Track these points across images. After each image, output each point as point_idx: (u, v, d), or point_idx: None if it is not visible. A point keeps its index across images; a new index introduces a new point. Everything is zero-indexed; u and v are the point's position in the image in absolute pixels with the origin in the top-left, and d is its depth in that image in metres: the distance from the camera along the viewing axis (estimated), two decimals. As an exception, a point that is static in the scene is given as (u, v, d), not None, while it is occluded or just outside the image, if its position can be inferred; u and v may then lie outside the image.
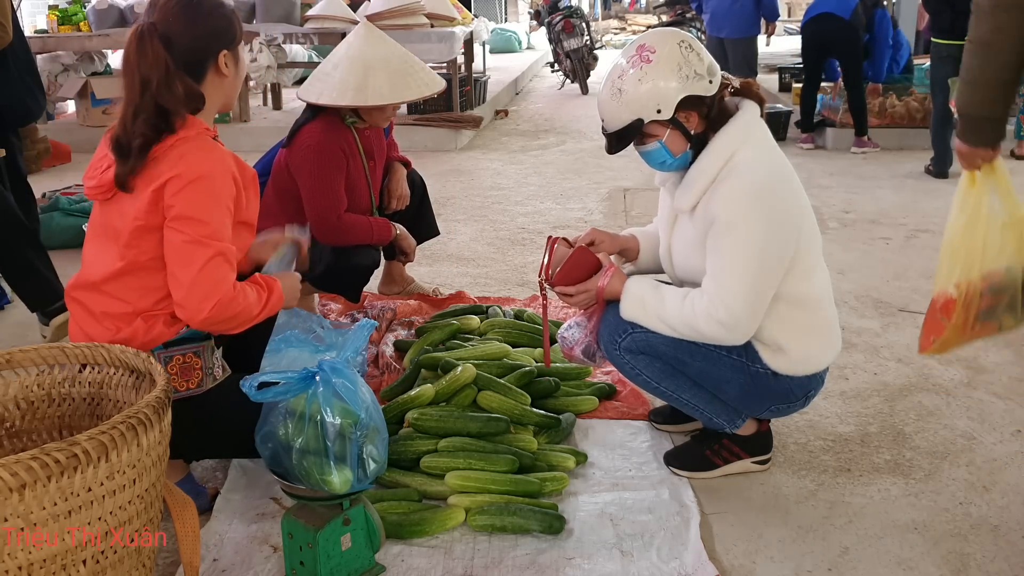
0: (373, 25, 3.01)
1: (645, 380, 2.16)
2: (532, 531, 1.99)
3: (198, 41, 1.89)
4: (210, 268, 1.80)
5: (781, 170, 2.03)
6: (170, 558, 1.91)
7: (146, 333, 1.88)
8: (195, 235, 1.80)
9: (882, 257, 4.10)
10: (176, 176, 1.80)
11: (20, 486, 1.31)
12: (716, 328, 1.97)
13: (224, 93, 1.98)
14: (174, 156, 1.83)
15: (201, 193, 1.81)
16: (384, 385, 2.68)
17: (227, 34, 1.94)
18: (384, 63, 2.86)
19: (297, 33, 7.23)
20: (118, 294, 1.89)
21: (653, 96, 1.98)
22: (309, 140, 2.82)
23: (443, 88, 3.03)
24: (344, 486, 1.69)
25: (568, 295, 2.17)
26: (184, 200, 1.80)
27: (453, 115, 7.32)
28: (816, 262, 2.10)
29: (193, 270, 1.80)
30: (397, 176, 3.21)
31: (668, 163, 2.08)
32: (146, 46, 1.81)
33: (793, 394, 2.11)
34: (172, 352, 1.90)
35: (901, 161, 6.23)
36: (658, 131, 2.03)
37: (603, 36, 17.23)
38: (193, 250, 1.80)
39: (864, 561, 1.92)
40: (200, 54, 1.90)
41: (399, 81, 2.86)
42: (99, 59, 8.37)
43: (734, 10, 6.90)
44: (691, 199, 2.04)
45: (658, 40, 2.01)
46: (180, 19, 1.86)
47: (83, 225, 4.29)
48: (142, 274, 1.87)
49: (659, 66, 1.97)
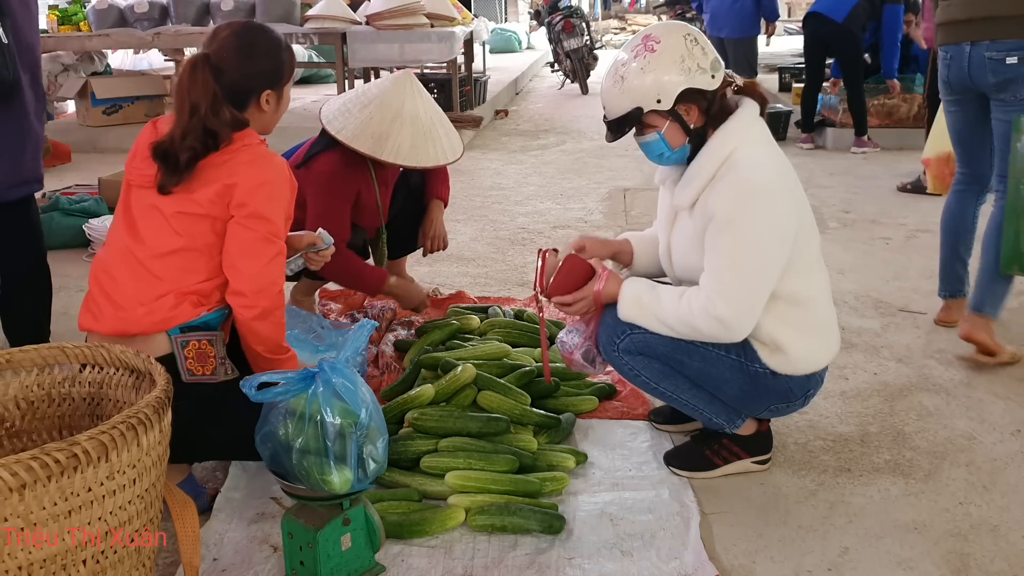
0: (414, 77, 2.96)
1: (644, 381, 2.16)
2: (532, 531, 1.99)
3: (246, 79, 2.04)
4: (272, 265, 2.00)
5: (780, 168, 2.03)
6: (170, 558, 1.91)
7: (171, 309, 1.95)
8: (264, 232, 1.97)
9: (882, 257, 4.10)
10: (249, 177, 1.97)
11: (20, 486, 1.31)
12: (713, 325, 1.97)
13: (262, 124, 2.13)
14: (245, 159, 1.99)
15: (270, 195, 1.99)
16: (384, 385, 2.68)
17: (274, 76, 2.09)
18: (414, 121, 2.81)
19: (297, 33, 7.23)
20: (160, 272, 1.97)
21: (654, 86, 1.99)
22: (326, 168, 2.79)
23: (459, 157, 2.98)
24: (344, 486, 1.69)
25: (566, 304, 2.16)
26: (257, 200, 1.96)
27: (453, 115, 7.32)
28: (814, 261, 2.10)
29: (259, 264, 1.98)
30: (431, 217, 3.15)
31: (666, 155, 2.09)
32: (197, 75, 1.97)
33: (792, 393, 2.11)
34: (189, 337, 1.96)
35: (901, 161, 6.23)
36: (657, 122, 2.03)
37: (603, 36, 17.25)
38: (261, 246, 1.98)
39: (864, 561, 1.92)
40: (245, 90, 2.04)
41: (420, 143, 2.82)
42: (99, 59, 8.38)
43: (734, 10, 6.91)
44: (690, 196, 2.04)
45: (664, 32, 2.02)
46: (233, 55, 2.02)
47: (83, 225, 4.30)
48: (191, 255, 1.98)
49: (662, 57, 1.98)
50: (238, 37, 2.05)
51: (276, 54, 2.09)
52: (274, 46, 2.09)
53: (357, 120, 2.76)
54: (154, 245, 1.98)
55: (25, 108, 2.61)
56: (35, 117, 2.65)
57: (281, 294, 2.04)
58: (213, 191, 1.95)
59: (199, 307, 1.97)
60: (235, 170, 1.97)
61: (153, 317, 1.94)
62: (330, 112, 2.80)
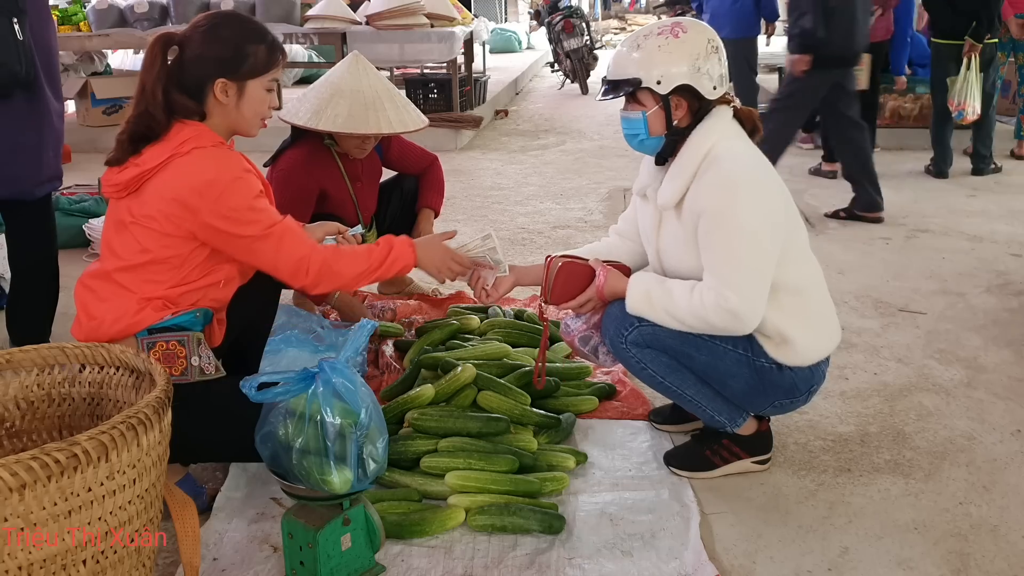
0: (363, 57, 2.99)
1: (650, 375, 2.16)
2: (532, 531, 1.99)
3: (197, 61, 1.97)
4: (284, 251, 1.97)
5: (758, 158, 2.09)
6: (170, 558, 1.91)
7: (134, 315, 1.94)
8: (253, 233, 1.93)
9: (882, 257, 4.10)
10: (188, 187, 1.89)
11: (20, 486, 1.31)
12: (727, 318, 1.98)
13: (227, 120, 2.02)
14: (181, 165, 1.91)
15: (222, 193, 1.90)
16: (384, 385, 2.68)
17: (229, 64, 1.97)
18: (354, 93, 2.84)
19: (297, 33, 7.23)
20: (128, 283, 1.96)
21: (662, 65, 2.03)
22: (286, 163, 2.88)
23: (416, 129, 2.96)
24: (344, 486, 1.69)
25: (572, 308, 2.20)
26: (221, 211, 1.90)
27: (453, 115, 7.32)
28: (805, 249, 2.14)
29: (271, 261, 1.99)
30: (419, 228, 3.18)
31: (641, 138, 2.12)
32: (149, 54, 1.95)
33: (797, 388, 2.12)
34: (155, 339, 1.94)
35: (901, 161, 6.23)
36: (647, 102, 2.08)
37: (603, 36, 17.23)
38: (260, 247, 1.96)
39: (864, 561, 1.92)
40: (196, 75, 1.97)
41: (359, 113, 2.82)
42: (99, 59, 8.37)
43: (734, 10, 6.90)
44: (674, 194, 2.06)
45: (694, 27, 2.07)
46: (193, 38, 1.98)
47: (83, 225, 4.30)
48: (156, 267, 1.96)
49: (682, 46, 2.03)
50: (208, 20, 2.00)
51: (239, 43, 1.98)
52: (241, 34, 1.99)
53: (303, 102, 2.87)
54: (123, 257, 1.97)
55: (47, 107, 2.64)
56: (55, 116, 2.69)
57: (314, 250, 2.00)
58: (159, 209, 1.91)
59: (163, 311, 1.96)
60: (176, 181, 1.90)
61: (119, 325, 1.94)
62: (289, 103, 2.93)
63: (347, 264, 2.05)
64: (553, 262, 2.21)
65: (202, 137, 1.95)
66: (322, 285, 2.03)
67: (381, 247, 2.11)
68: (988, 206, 5.02)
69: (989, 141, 5.72)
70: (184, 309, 1.98)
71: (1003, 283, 3.72)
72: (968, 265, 3.96)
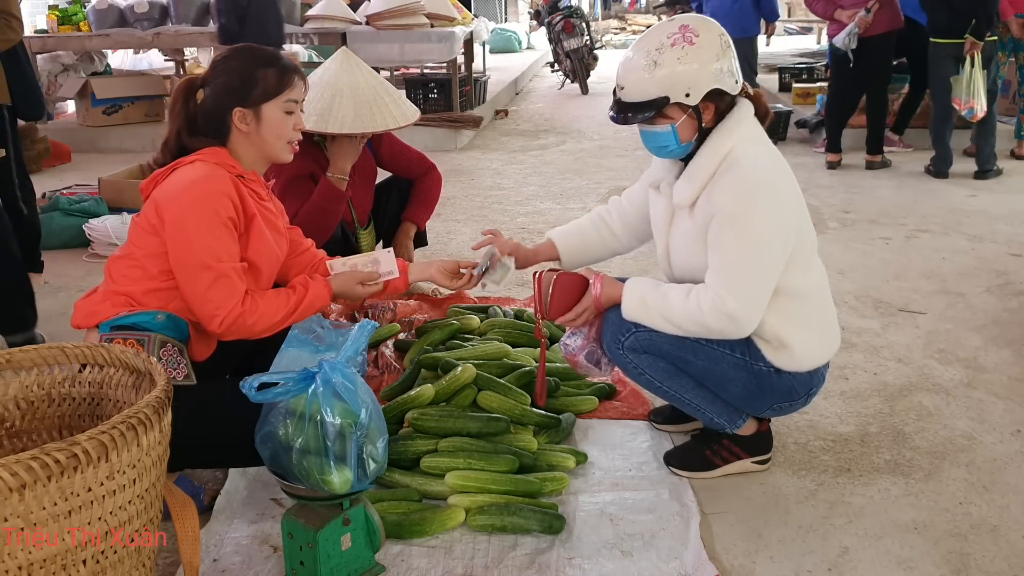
0: (351, 52, 3.00)
1: (648, 380, 2.16)
2: (532, 531, 1.99)
3: (213, 99, 2.05)
4: (214, 290, 1.96)
5: (778, 162, 2.05)
6: (170, 558, 1.91)
7: (95, 305, 2.02)
8: (198, 260, 1.95)
9: (882, 257, 4.10)
10: (173, 198, 1.96)
11: (20, 486, 1.31)
12: (723, 321, 1.97)
13: (253, 148, 2.09)
14: (177, 173, 2.01)
15: (197, 211, 1.94)
16: (384, 385, 2.68)
17: (239, 92, 2.03)
18: (353, 92, 2.84)
19: (297, 33, 7.23)
20: (112, 274, 2.07)
21: (687, 78, 1.96)
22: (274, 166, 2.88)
23: (414, 120, 2.99)
24: (344, 486, 1.69)
25: (569, 320, 2.17)
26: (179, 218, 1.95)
27: (453, 115, 7.32)
28: (812, 255, 2.12)
29: (198, 291, 1.97)
30: (396, 240, 3.21)
31: (670, 149, 2.06)
32: (172, 98, 2.10)
33: (796, 392, 2.11)
34: (114, 335, 1.95)
35: (901, 161, 6.23)
36: (676, 114, 2.01)
37: (603, 36, 17.24)
38: (196, 274, 1.96)
39: (864, 561, 1.92)
40: (214, 112, 2.05)
41: (364, 112, 2.83)
42: (99, 59, 8.37)
43: (734, 10, 6.90)
44: (691, 194, 2.04)
45: (702, 26, 2.00)
46: (211, 74, 2.07)
47: (83, 225, 4.30)
48: (132, 262, 2.04)
49: (701, 51, 1.96)
50: (220, 55, 2.11)
51: (248, 70, 2.03)
52: (249, 62, 2.04)
53: None
54: (121, 249, 2.10)
55: None
56: None
57: (238, 305, 1.99)
58: (148, 205, 2.02)
59: (122, 307, 1.99)
60: (167, 183, 2.01)
61: (81, 312, 2.03)
62: None
63: (265, 312, 2.04)
64: (545, 276, 2.16)
65: (216, 155, 2.03)
66: (230, 336, 2.04)
67: (297, 291, 2.13)
68: (988, 206, 5.02)
69: (993, 139, 5.70)
70: (145, 309, 1.99)
71: (1003, 283, 3.72)
72: (968, 265, 3.96)
